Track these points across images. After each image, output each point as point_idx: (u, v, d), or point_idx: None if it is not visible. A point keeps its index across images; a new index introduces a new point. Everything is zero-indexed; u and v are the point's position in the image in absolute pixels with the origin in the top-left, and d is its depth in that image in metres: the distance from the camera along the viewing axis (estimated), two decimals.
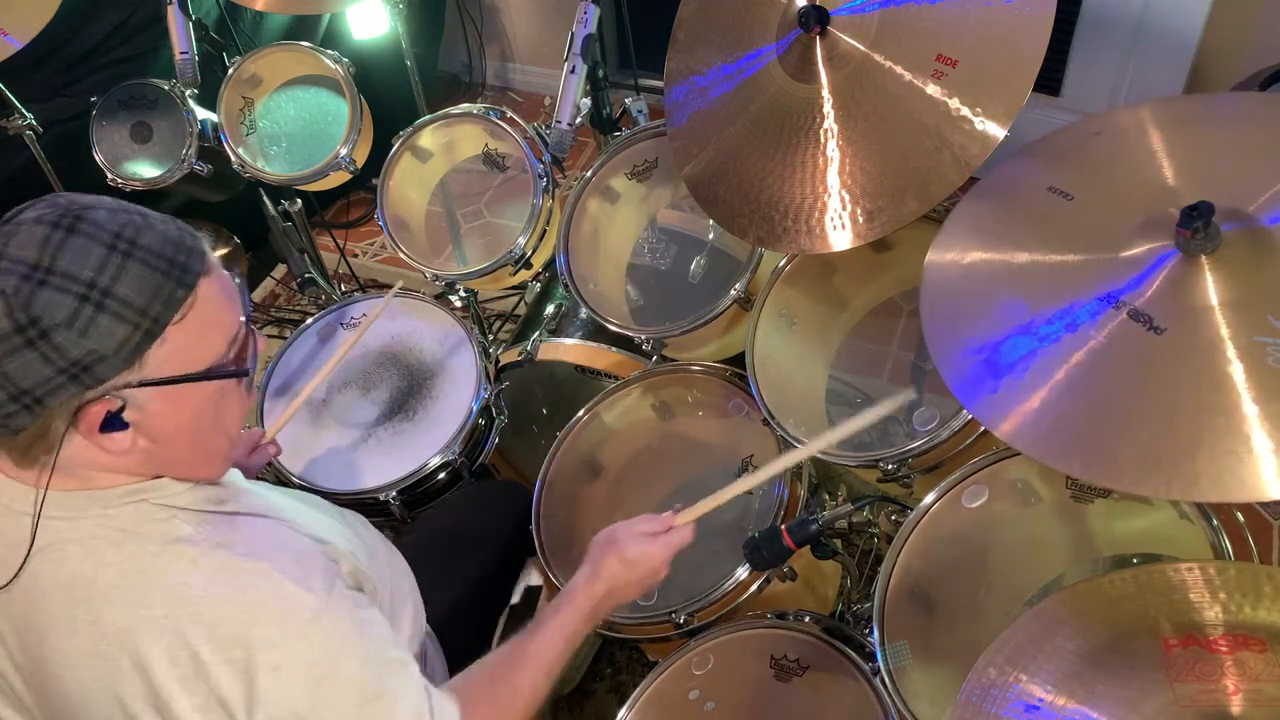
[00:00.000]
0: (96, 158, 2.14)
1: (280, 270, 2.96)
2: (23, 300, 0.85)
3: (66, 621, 0.94)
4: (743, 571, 1.42)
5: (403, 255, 1.92)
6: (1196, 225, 0.94)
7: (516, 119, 1.90)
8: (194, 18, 2.00)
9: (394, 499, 1.70)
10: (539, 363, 1.83)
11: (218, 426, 1.01)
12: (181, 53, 1.99)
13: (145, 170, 2.15)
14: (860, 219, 1.28)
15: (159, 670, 0.93)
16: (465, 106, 1.97)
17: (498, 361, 1.87)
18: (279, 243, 2.33)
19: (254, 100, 2.15)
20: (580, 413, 1.71)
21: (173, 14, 1.98)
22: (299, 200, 2.26)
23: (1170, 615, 0.93)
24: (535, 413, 2.08)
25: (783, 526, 1.31)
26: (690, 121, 1.51)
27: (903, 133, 1.25)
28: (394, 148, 1.96)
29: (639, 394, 1.72)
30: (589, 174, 1.83)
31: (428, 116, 1.98)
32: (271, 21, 2.64)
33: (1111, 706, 0.90)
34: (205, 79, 2.06)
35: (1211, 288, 0.94)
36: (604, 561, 1.20)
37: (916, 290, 1.17)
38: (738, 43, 1.45)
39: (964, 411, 1.31)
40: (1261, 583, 0.92)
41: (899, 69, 1.27)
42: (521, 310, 2.40)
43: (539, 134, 1.87)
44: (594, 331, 1.88)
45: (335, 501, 1.70)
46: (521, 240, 1.85)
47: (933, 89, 1.23)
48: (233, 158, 2.09)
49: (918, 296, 1.16)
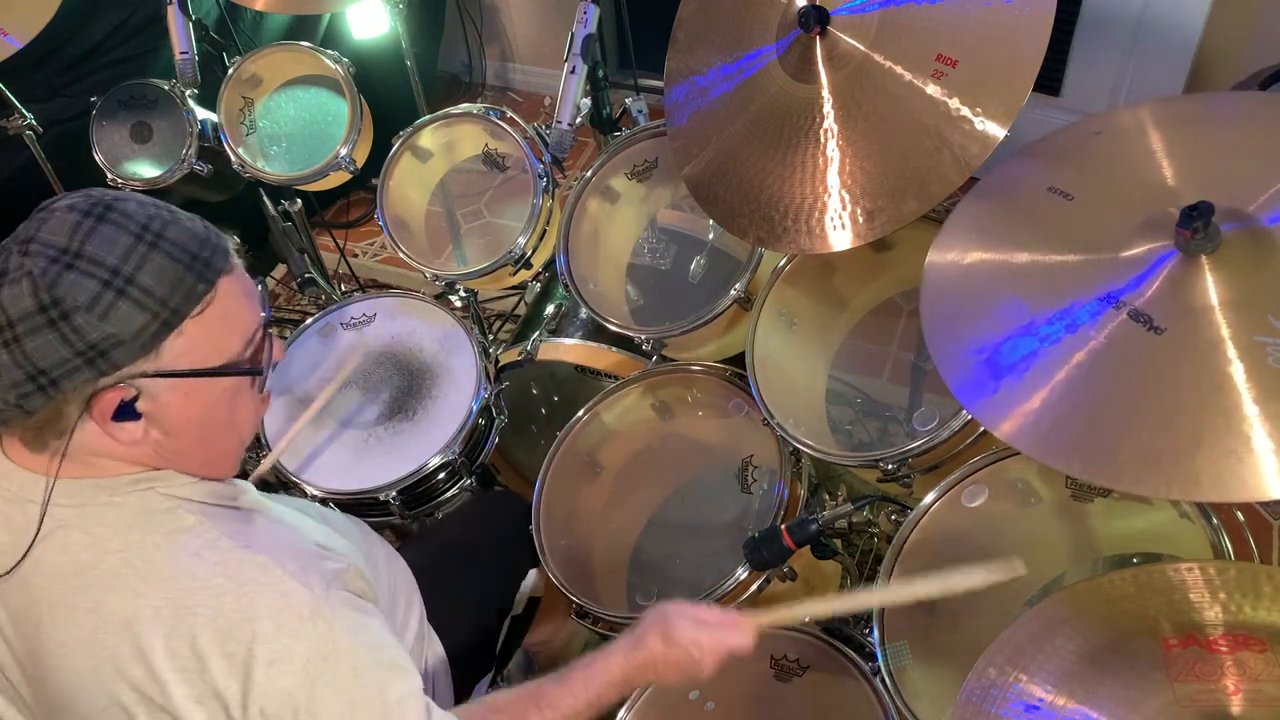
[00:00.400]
0: (96, 158, 2.14)
1: (280, 270, 2.96)
2: (49, 281, 0.87)
3: (66, 609, 0.95)
4: (743, 571, 1.42)
5: (403, 255, 1.92)
6: (1196, 225, 0.94)
7: (516, 119, 1.90)
8: (194, 18, 2.00)
9: (394, 499, 1.70)
10: (539, 363, 1.83)
11: (230, 425, 1.03)
12: (181, 53, 1.99)
13: (145, 170, 2.15)
14: (860, 219, 1.28)
15: (156, 659, 0.93)
16: (465, 106, 1.97)
17: (498, 361, 1.87)
18: (279, 243, 2.34)
19: (254, 100, 2.15)
20: (580, 413, 1.71)
21: (173, 14, 1.98)
22: (299, 200, 2.26)
23: (1170, 615, 0.93)
24: (535, 413, 2.08)
25: (783, 526, 1.31)
26: (690, 121, 1.51)
27: (903, 133, 1.25)
28: (394, 148, 1.96)
29: (639, 394, 1.72)
30: (589, 174, 1.83)
31: (428, 116, 1.98)
32: (271, 21, 2.64)
33: (1111, 706, 0.90)
34: (205, 79, 2.06)
35: (1211, 288, 0.94)
36: (650, 634, 1.14)
37: (916, 290, 1.17)
38: (738, 43, 1.45)
39: (964, 411, 1.31)
40: (1261, 583, 0.92)
41: (899, 69, 1.27)
42: (521, 310, 2.40)
43: (539, 134, 1.87)
44: (594, 331, 1.88)
45: (335, 502, 1.71)
46: (521, 240, 1.85)
47: (933, 89, 1.23)
48: (233, 158, 2.09)
49: (918, 296, 1.16)
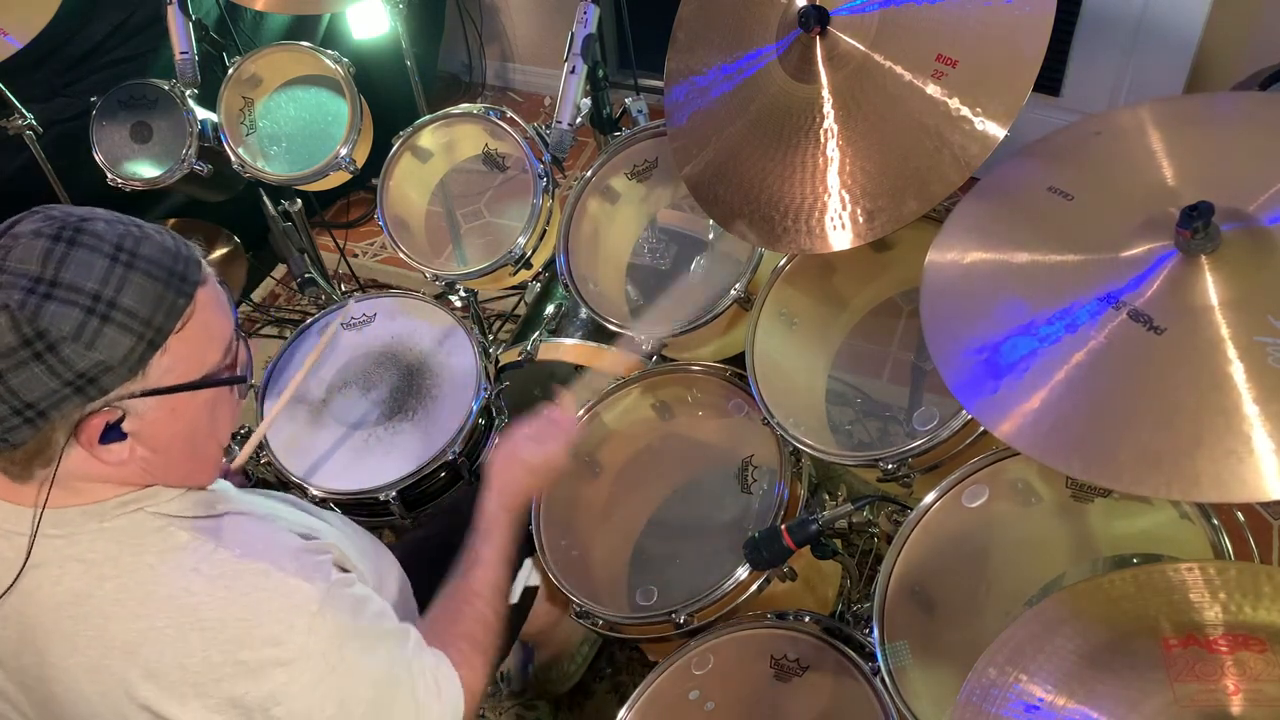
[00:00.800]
0: (96, 158, 2.14)
1: (280, 270, 2.96)
2: (29, 314, 0.84)
3: (66, 639, 0.94)
4: (743, 571, 1.42)
5: (403, 255, 1.92)
6: (1196, 225, 0.94)
7: (516, 119, 1.90)
8: (194, 18, 2.00)
9: (394, 499, 1.70)
10: (539, 363, 1.83)
11: (211, 434, 1.02)
12: (181, 53, 1.99)
13: (145, 170, 2.15)
14: (860, 219, 1.28)
15: (169, 679, 0.92)
16: (465, 106, 1.97)
17: (498, 361, 1.87)
18: (279, 243, 2.34)
19: (254, 100, 2.15)
20: (580, 413, 1.71)
21: (173, 14, 1.98)
22: (299, 200, 2.26)
23: (1170, 615, 0.93)
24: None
25: (783, 526, 1.31)
26: (690, 121, 1.50)
27: (903, 133, 1.25)
28: (394, 148, 1.96)
29: (639, 394, 1.72)
30: (589, 174, 1.83)
31: (428, 116, 1.97)
32: (271, 21, 2.64)
33: (1111, 706, 0.90)
34: (205, 79, 2.06)
35: (1211, 288, 0.94)
36: (510, 476, 1.33)
37: (916, 290, 1.17)
38: (738, 43, 1.45)
39: (964, 411, 1.31)
40: (1261, 583, 0.92)
41: (899, 69, 1.27)
42: (521, 310, 2.40)
43: (539, 134, 1.87)
44: (594, 331, 1.87)
45: (335, 502, 1.71)
46: (521, 240, 1.85)
47: (933, 89, 1.23)
48: (233, 158, 2.09)
49: (918, 296, 1.16)
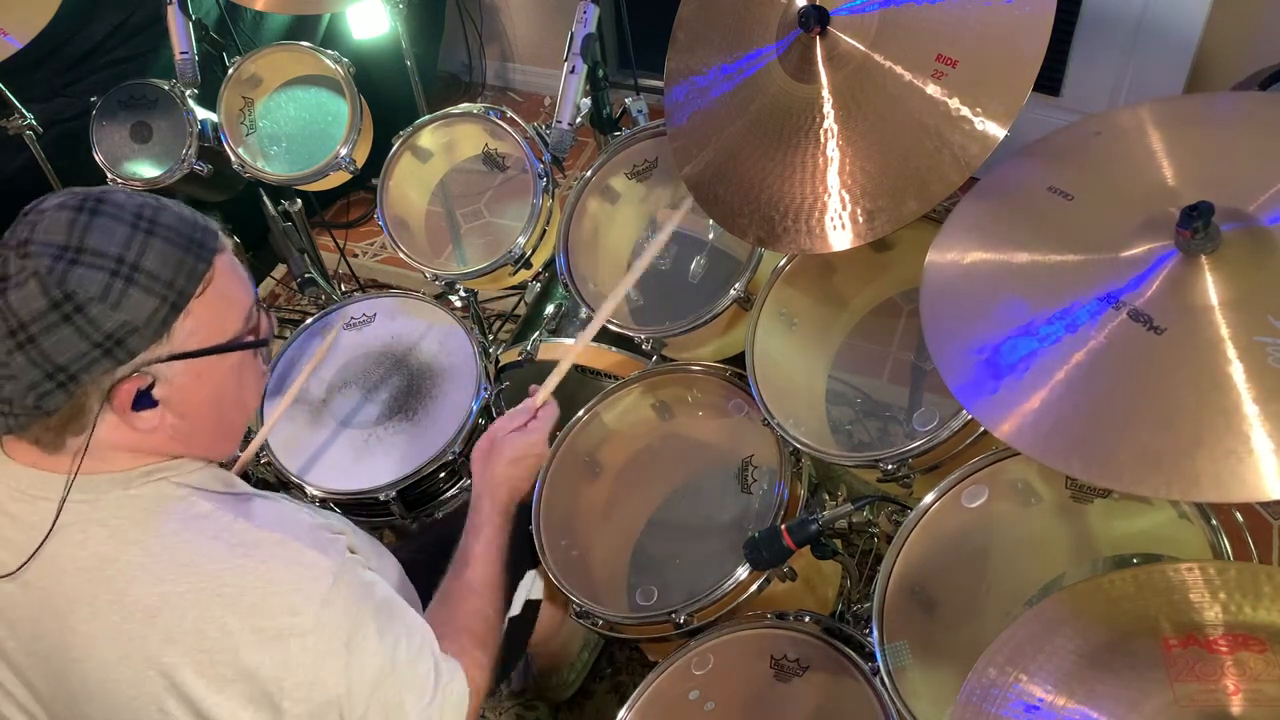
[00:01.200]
0: (96, 158, 2.14)
1: (280, 270, 2.96)
2: (57, 278, 0.89)
3: (88, 602, 0.96)
4: (743, 571, 1.42)
5: (403, 255, 1.92)
6: (1196, 225, 0.94)
7: (516, 119, 1.90)
8: (194, 18, 2.00)
9: (394, 499, 1.70)
10: (539, 363, 1.83)
11: (238, 402, 1.06)
12: (181, 53, 2.00)
13: (145, 170, 2.15)
14: (860, 219, 1.28)
15: (185, 644, 0.94)
16: (465, 106, 1.97)
17: (498, 361, 1.87)
18: (279, 243, 2.34)
19: (254, 100, 2.15)
20: (580, 413, 1.71)
21: (173, 14, 1.98)
22: (299, 200, 2.26)
23: (1170, 615, 0.93)
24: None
25: (783, 526, 1.31)
26: (690, 121, 1.50)
27: (903, 133, 1.25)
28: (394, 148, 1.96)
29: (639, 394, 1.72)
30: (589, 174, 1.83)
31: (428, 116, 1.98)
32: (271, 21, 2.64)
33: (1111, 706, 0.90)
34: (205, 79, 2.06)
35: (1211, 288, 0.94)
36: (495, 471, 1.34)
37: (916, 290, 1.17)
38: (738, 43, 1.45)
39: (964, 411, 1.31)
40: (1261, 583, 0.92)
41: (899, 69, 1.27)
42: (521, 310, 2.40)
43: (539, 134, 1.87)
44: None
45: (335, 502, 1.72)
46: (521, 240, 1.85)
47: (933, 89, 1.23)
48: (233, 158, 2.09)
49: (918, 296, 1.16)
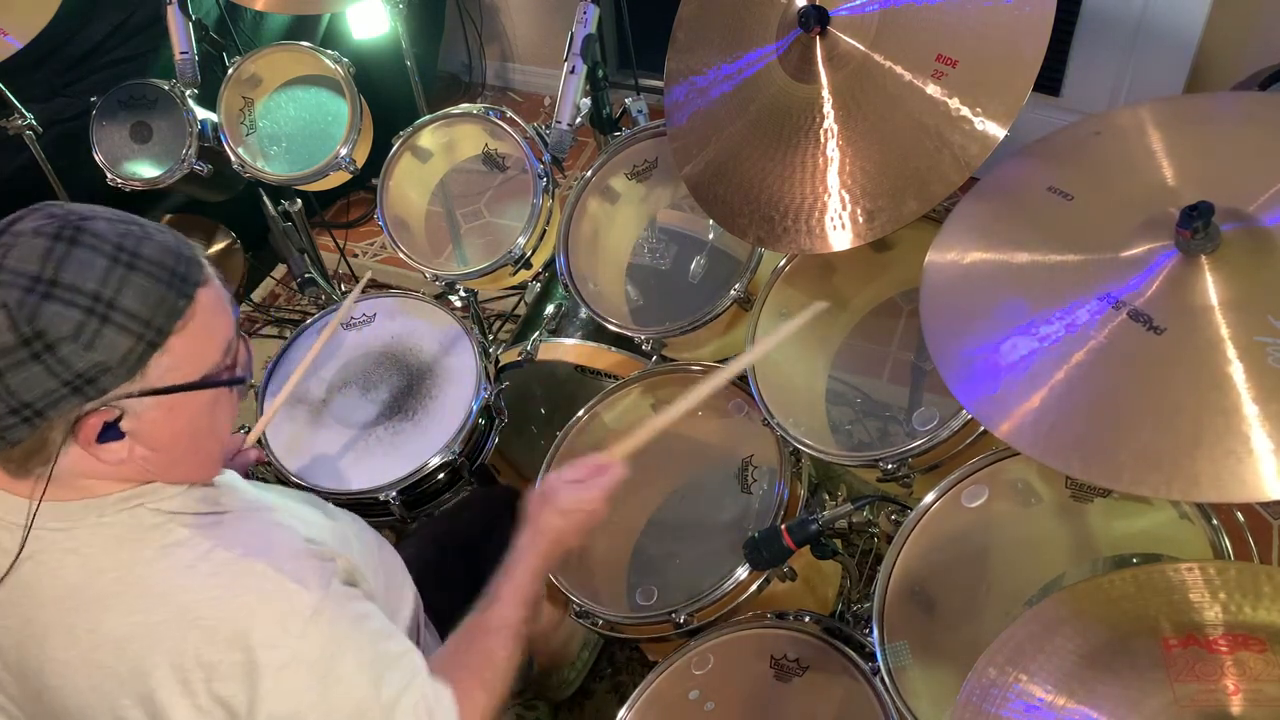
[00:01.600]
0: (96, 158, 2.14)
1: (280, 270, 2.96)
2: (27, 314, 0.83)
3: (63, 631, 0.94)
4: (743, 571, 1.42)
5: (403, 255, 1.92)
6: (1196, 225, 0.94)
7: (516, 119, 1.90)
8: (194, 18, 2.00)
9: (394, 499, 1.69)
10: (539, 363, 1.83)
11: (212, 432, 1.01)
12: (181, 53, 2.00)
13: (145, 170, 2.15)
14: (860, 219, 1.28)
15: (159, 675, 0.92)
16: (465, 106, 1.96)
17: (498, 361, 1.87)
18: (279, 243, 2.34)
19: (254, 100, 2.15)
20: (580, 413, 1.71)
21: (173, 14, 1.98)
22: (299, 200, 2.26)
23: (1170, 615, 0.93)
24: (535, 413, 2.08)
25: (783, 526, 1.31)
26: (690, 121, 1.50)
27: (903, 133, 1.25)
28: (394, 148, 1.96)
29: (639, 394, 1.72)
30: (589, 174, 1.83)
31: (428, 116, 1.97)
32: (271, 21, 2.64)
33: (1111, 706, 0.90)
34: (205, 79, 2.06)
35: (1211, 288, 0.94)
36: (542, 518, 1.25)
37: (916, 290, 1.17)
38: (738, 43, 1.45)
39: (964, 411, 1.31)
40: (1261, 583, 0.92)
41: (899, 69, 1.27)
42: (521, 310, 2.40)
43: (539, 134, 1.87)
44: (594, 331, 1.87)
45: (335, 501, 1.71)
46: (521, 240, 1.85)
47: (933, 89, 1.23)
48: (233, 158, 2.09)
49: (918, 296, 1.16)
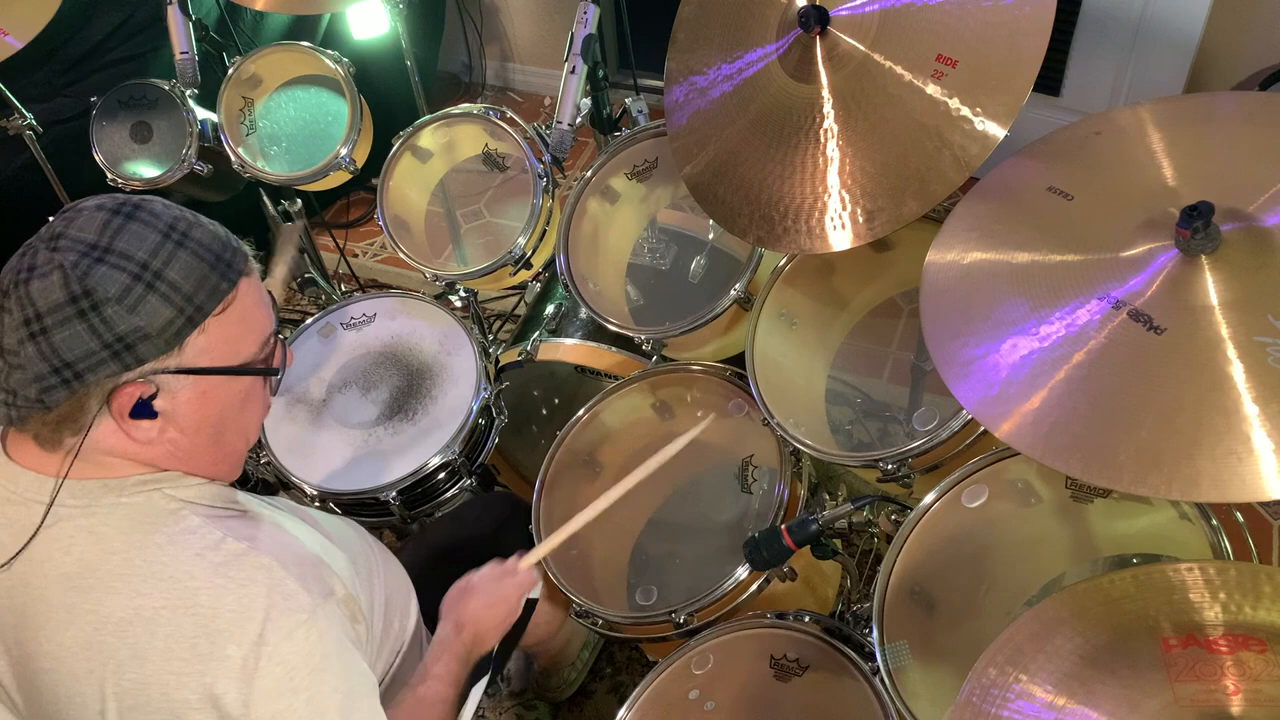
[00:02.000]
0: (96, 158, 2.14)
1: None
2: (80, 273, 0.90)
3: (66, 610, 0.95)
4: (743, 571, 1.42)
5: (403, 255, 1.92)
6: (1196, 225, 0.94)
7: (516, 119, 1.90)
8: (194, 18, 2.00)
9: (394, 499, 1.69)
10: (539, 363, 1.83)
11: (239, 428, 1.05)
12: (181, 53, 2.00)
13: (145, 170, 2.15)
14: (860, 219, 1.28)
15: (155, 662, 0.93)
16: (465, 106, 1.96)
17: (498, 361, 1.87)
18: (279, 242, 2.33)
19: (254, 100, 2.15)
20: (580, 412, 1.71)
21: (173, 14, 1.98)
22: (299, 200, 2.26)
23: (1170, 615, 0.93)
24: (535, 413, 2.08)
25: (783, 526, 1.31)
26: (690, 121, 1.50)
27: (903, 133, 1.25)
28: (394, 148, 1.96)
29: (639, 394, 1.72)
30: (589, 174, 1.83)
31: (428, 116, 1.97)
32: (271, 21, 2.64)
33: (1111, 706, 0.90)
34: (205, 79, 2.06)
35: (1211, 288, 0.94)
36: (465, 610, 1.31)
37: (916, 290, 1.17)
38: (738, 43, 1.45)
39: (964, 411, 1.31)
40: (1261, 583, 0.92)
41: (899, 69, 1.27)
42: (521, 310, 2.40)
43: (539, 134, 1.87)
44: (594, 331, 1.87)
45: (335, 502, 1.71)
46: (521, 240, 1.85)
47: (933, 89, 1.23)
48: (233, 158, 2.09)
49: (918, 296, 1.16)
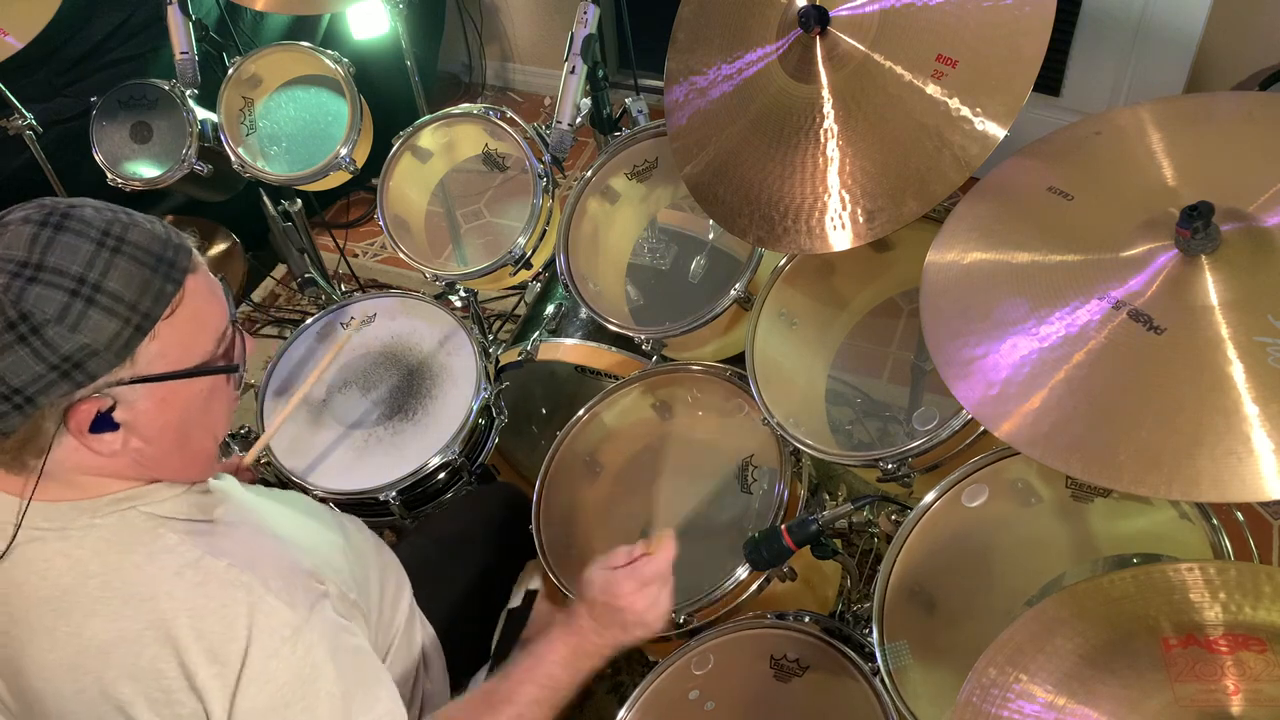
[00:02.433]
0: (96, 158, 2.14)
1: (280, 270, 2.96)
2: (13, 297, 0.85)
3: (47, 633, 0.94)
4: (743, 571, 1.42)
5: (403, 255, 1.92)
6: (1196, 225, 0.94)
7: (516, 119, 1.90)
8: (194, 18, 2.00)
9: (394, 499, 1.69)
10: (539, 363, 1.83)
11: (205, 427, 1.01)
12: (181, 53, 2.00)
13: (145, 170, 2.15)
14: (860, 219, 1.28)
15: (140, 684, 0.92)
16: (465, 106, 1.96)
17: (498, 361, 1.87)
18: (279, 243, 2.34)
19: (254, 100, 2.15)
20: (580, 413, 1.71)
21: (173, 14, 1.98)
22: (299, 200, 2.26)
23: (1170, 615, 0.93)
24: (535, 413, 2.08)
25: (783, 526, 1.31)
26: (690, 121, 1.50)
27: (903, 133, 1.25)
28: (394, 148, 1.96)
29: (639, 394, 1.72)
30: (589, 174, 1.83)
31: (428, 116, 1.97)
32: (271, 21, 2.64)
33: (1111, 706, 0.89)
34: (205, 79, 2.06)
35: (1211, 288, 0.94)
36: (611, 631, 1.19)
37: (916, 290, 1.17)
38: (738, 43, 1.45)
39: (964, 411, 1.31)
40: (1261, 583, 0.92)
41: (899, 69, 1.27)
42: (521, 310, 2.40)
43: (539, 134, 1.87)
44: (594, 331, 1.87)
45: (335, 502, 1.71)
46: (521, 240, 1.85)
47: (933, 89, 1.23)
48: (233, 158, 2.09)
49: (918, 296, 1.16)
